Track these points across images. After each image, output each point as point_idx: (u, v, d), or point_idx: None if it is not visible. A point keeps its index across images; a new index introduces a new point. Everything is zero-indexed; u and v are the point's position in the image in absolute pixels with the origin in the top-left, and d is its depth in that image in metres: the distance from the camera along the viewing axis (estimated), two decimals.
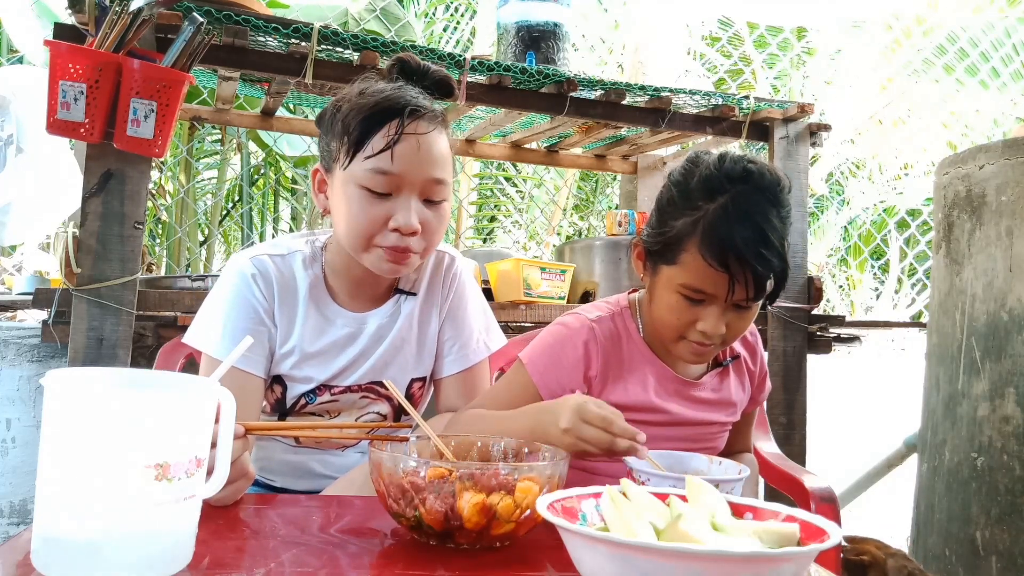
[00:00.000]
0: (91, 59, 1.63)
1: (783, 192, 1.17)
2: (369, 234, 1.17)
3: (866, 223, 5.55)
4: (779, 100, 2.43)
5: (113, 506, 0.67)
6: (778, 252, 1.13)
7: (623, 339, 1.31)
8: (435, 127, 1.18)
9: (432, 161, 1.17)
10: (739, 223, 1.12)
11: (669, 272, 1.19)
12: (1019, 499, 1.80)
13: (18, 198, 2.63)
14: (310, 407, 1.31)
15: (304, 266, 1.28)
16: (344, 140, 1.17)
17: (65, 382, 0.70)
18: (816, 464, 2.47)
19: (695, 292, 1.16)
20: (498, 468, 0.83)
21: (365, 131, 1.15)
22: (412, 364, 1.35)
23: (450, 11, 4.99)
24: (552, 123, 2.41)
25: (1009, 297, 1.85)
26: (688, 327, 1.19)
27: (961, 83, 5.13)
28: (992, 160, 1.91)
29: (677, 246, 1.17)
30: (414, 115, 1.15)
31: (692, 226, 1.15)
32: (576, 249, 2.64)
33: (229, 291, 1.23)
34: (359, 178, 1.15)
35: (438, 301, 1.37)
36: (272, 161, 4.43)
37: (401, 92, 1.18)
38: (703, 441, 1.36)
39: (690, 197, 1.17)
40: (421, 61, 1.25)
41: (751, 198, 1.13)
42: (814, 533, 0.72)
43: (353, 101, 1.18)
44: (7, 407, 1.96)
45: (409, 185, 1.16)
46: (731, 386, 1.37)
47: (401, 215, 1.15)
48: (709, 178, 1.16)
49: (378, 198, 1.16)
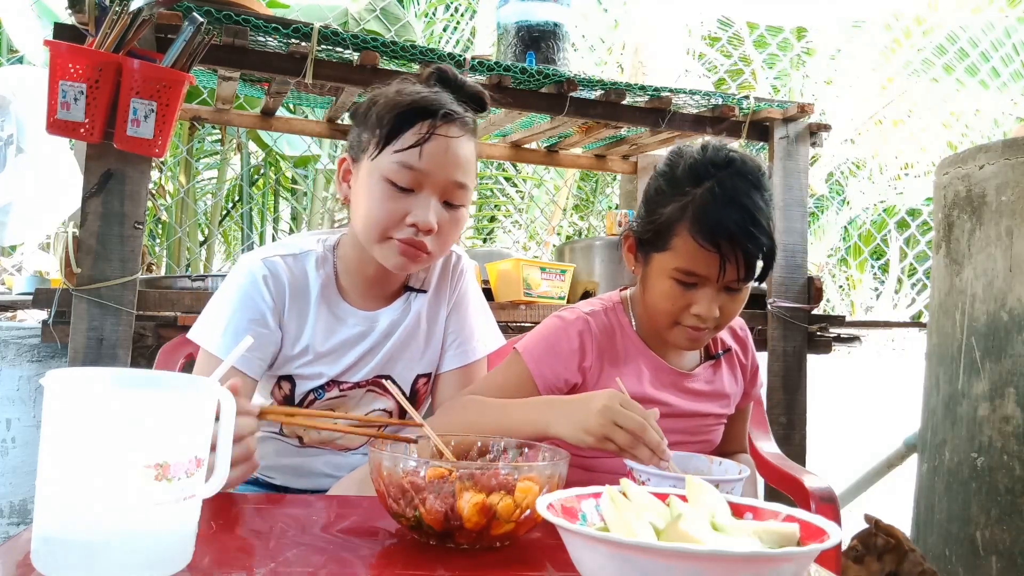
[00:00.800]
0: (91, 59, 1.63)
1: (764, 177, 1.22)
2: (386, 226, 1.19)
3: (866, 223, 5.55)
4: (779, 100, 2.43)
5: (113, 506, 0.67)
6: (766, 231, 1.17)
7: (616, 332, 1.33)
8: (465, 134, 1.22)
9: (457, 165, 1.20)
10: (727, 205, 1.16)
11: (661, 259, 1.22)
12: (1019, 499, 1.80)
13: (18, 198, 2.64)
14: (318, 403, 1.32)
15: (316, 266, 1.29)
16: (376, 132, 1.19)
17: (65, 382, 0.70)
18: (816, 464, 2.47)
19: (688, 275, 1.19)
20: (498, 468, 0.83)
21: (398, 126, 1.18)
22: (418, 360, 1.36)
23: (450, 11, 4.99)
24: (552, 123, 2.41)
25: (1009, 297, 1.85)
26: (682, 312, 1.22)
27: (961, 83, 5.13)
28: (992, 160, 1.91)
29: (668, 232, 1.21)
30: (447, 118, 1.19)
31: (681, 211, 1.19)
32: (576, 249, 2.65)
33: (236, 291, 1.24)
34: (385, 170, 1.18)
35: (446, 298, 1.40)
36: (272, 161, 4.43)
37: (437, 96, 1.21)
38: (699, 434, 1.37)
39: (677, 184, 1.22)
40: (458, 74, 1.28)
41: (736, 181, 1.18)
42: (814, 533, 0.72)
43: (390, 97, 1.21)
44: (7, 407, 1.96)
45: (432, 184, 1.18)
46: (724, 378, 1.40)
47: (420, 211, 1.18)
48: (694, 165, 1.21)
49: (400, 192, 1.18)
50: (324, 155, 4.12)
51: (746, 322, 1.48)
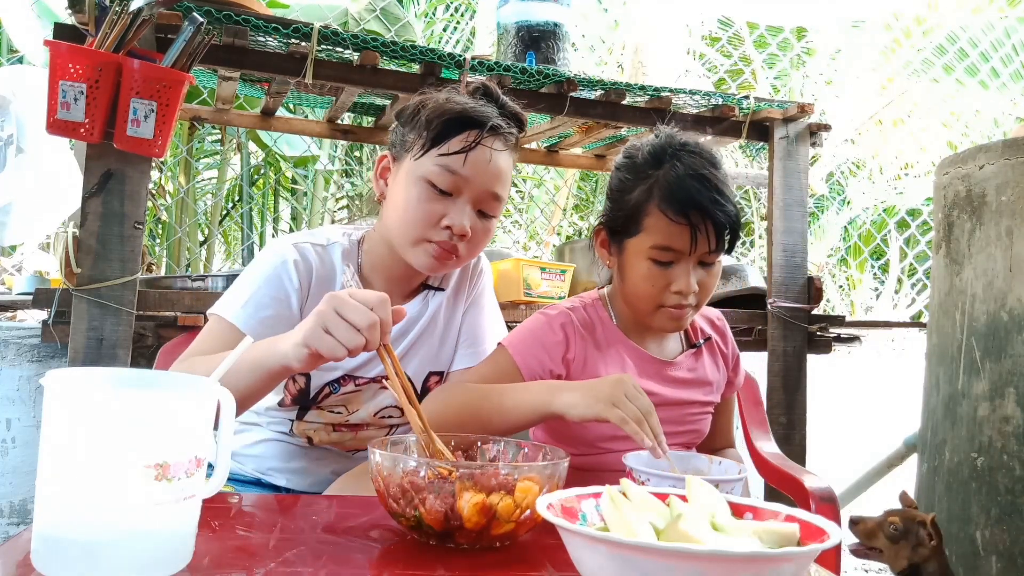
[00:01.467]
0: (91, 59, 1.62)
1: (717, 156, 1.30)
2: (422, 227, 1.21)
3: (866, 223, 5.55)
4: (779, 100, 2.43)
5: (113, 506, 0.67)
6: (730, 200, 1.24)
7: (597, 325, 1.36)
8: (507, 149, 1.26)
9: (497, 176, 1.23)
10: (691, 179, 1.23)
11: (635, 243, 1.28)
12: (1019, 499, 1.80)
13: (18, 198, 2.63)
14: (333, 397, 1.32)
15: (343, 258, 1.30)
16: (423, 134, 1.22)
17: (65, 382, 0.70)
18: (816, 464, 2.47)
19: (664, 252, 1.24)
20: (498, 468, 0.83)
21: (446, 131, 1.21)
22: (433, 358, 1.37)
23: (450, 11, 4.99)
24: (552, 123, 2.41)
25: (1009, 297, 1.85)
26: (663, 292, 1.26)
27: (961, 83, 5.13)
28: (992, 160, 1.91)
29: (638, 214, 1.27)
30: (494, 131, 1.23)
31: (648, 191, 1.26)
32: (576, 249, 2.64)
33: (264, 269, 1.24)
34: (427, 172, 1.21)
35: (464, 296, 1.41)
36: (272, 161, 4.43)
37: (486, 109, 1.25)
38: (686, 424, 1.38)
39: (640, 170, 1.29)
40: (501, 93, 1.31)
41: (693, 159, 1.26)
42: (814, 533, 0.72)
43: (440, 103, 1.24)
44: (7, 407, 1.96)
45: (471, 190, 1.22)
46: (706, 365, 1.43)
47: (456, 215, 1.21)
48: (653, 151, 1.29)
49: (439, 195, 1.21)
50: (324, 155, 4.12)
51: (746, 322, 1.50)
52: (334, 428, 1.35)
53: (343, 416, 1.34)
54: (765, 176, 2.55)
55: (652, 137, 1.33)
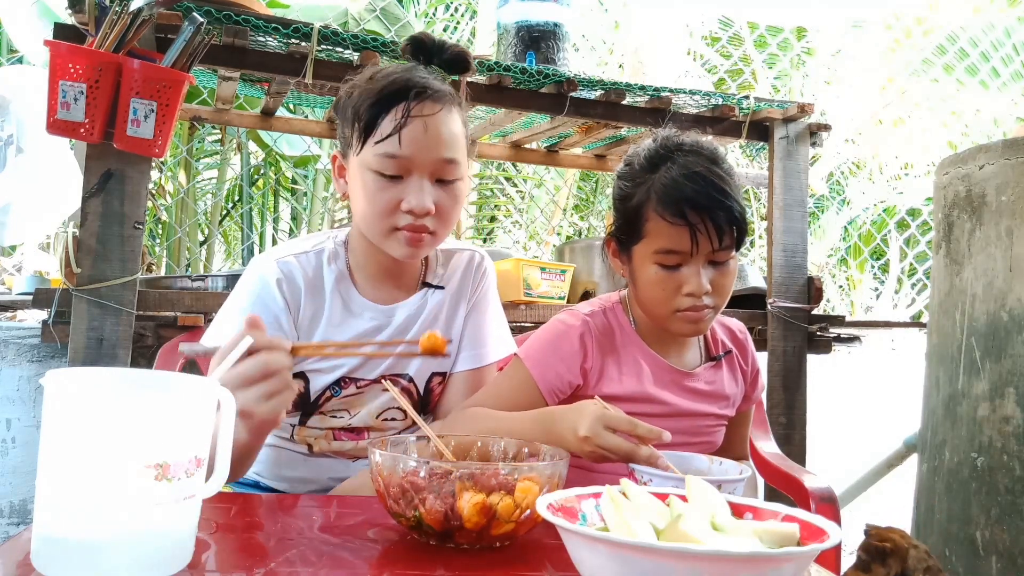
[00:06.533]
0: (91, 59, 1.62)
1: (719, 152, 1.27)
2: (384, 217, 1.19)
3: (866, 223, 5.55)
4: (779, 100, 2.43)
5: (113, 506, 0.67)
6: (731, 196, 1.21)
7: (616, 332, 1.34)
8: (443, 107, 1.20)
9: (441, 142, 1.18)
10: (686, 178, 1.21)
11: (641, 249, 1.26)
12: (1019, 499, 1.80)
13: (18, 198, 2.63)
14: (335, 400, 1.30)
15: (329, 260, 1.29)
16: (355, 126, 1.19)
17: (65, 382, 0.70)
18: (816, 464, 2.47)
19: (667, 255, 1.22)
20: (498, 468, 0.83)
21: (374, 116, 1.17)
22: (434, 359, 1.35)
23: (450, 11, 4.99)
24: (552, 123, 2.41)
25: (1009, 297, 1.85)
26: (675, 296, 1.23)
27: (961, 83, 5.12)
28: (992, 160, 1.91)
29: (639, 219, 1.25)
30: (420, 96, 1.17)
31: (645, 195, 1.24)
32: (576, 249, 2.64)
33: (248, 295, 1.24)
34: (371, 163, 1.18)
35: (467, 296, 1.39)
36: (272, 161, 4.43)
37: (408, 74, 1.20)
38: (700, 435, 1.37)
39: (637, 175, 1.27)
40: (435, 39, 1.26)
41: (689, 159, 1.24)
42: (814, 533, 0.72)
43: (363, 87, 1.21)
44: (7, 407, 1.96)
45: (419, 167, 1.18)
46: (724, 379, 1.40)
47: (413, 197, 1.17)
48: (650, 155, 1.28)
49: (390, 181, 1.18)
50: (324, 155, 4.11)
51: (746, 322, 1.49)
52: (335, 436, 1.33)
53: (345, 420, 1.33)
54: (765, 176, 2.55)
55: (649, 141, 1.31)
